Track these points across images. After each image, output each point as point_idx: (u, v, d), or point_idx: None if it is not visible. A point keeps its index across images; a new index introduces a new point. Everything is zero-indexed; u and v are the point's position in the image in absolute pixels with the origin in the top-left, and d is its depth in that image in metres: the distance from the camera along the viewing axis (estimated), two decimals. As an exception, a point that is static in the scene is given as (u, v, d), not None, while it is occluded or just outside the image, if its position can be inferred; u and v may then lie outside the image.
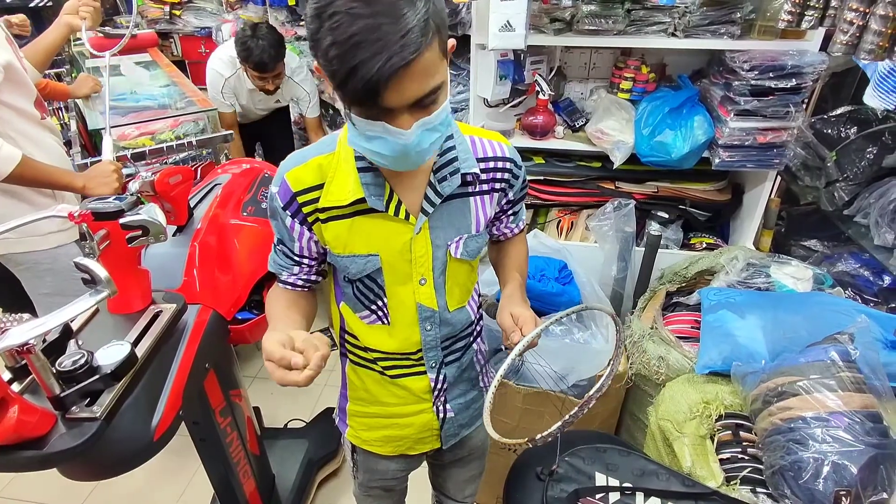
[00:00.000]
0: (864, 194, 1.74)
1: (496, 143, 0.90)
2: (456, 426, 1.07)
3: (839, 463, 1.01)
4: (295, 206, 0.83)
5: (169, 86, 2.61)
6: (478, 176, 0.86)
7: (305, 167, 0.84)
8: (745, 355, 1.34)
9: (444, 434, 1.06)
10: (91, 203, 0.99)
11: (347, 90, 0.65)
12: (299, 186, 0.83)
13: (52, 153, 1.57)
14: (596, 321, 1.58)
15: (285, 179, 0.83)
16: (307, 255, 0.90)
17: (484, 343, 1.10)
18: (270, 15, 3.25)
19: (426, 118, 0.69)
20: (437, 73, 0.67)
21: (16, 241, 1.50)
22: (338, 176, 0.82)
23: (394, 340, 0.94)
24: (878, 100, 1.42)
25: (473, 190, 0.88)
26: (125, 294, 1.06)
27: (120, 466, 0.93)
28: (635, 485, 1.00)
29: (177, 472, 1.96)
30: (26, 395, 0.86)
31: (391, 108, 0.66)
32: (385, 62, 0.61)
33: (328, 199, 0.82)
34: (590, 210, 2.02)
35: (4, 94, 1.41)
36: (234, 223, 1.43)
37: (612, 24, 1.63)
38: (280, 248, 0.92)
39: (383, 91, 0.64)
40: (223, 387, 1.29)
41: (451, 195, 0.85)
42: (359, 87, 0.63)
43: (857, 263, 1.74)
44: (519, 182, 0.94)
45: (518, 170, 0.93)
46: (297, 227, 0.86)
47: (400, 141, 0.69)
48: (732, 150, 1.66)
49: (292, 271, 0.93)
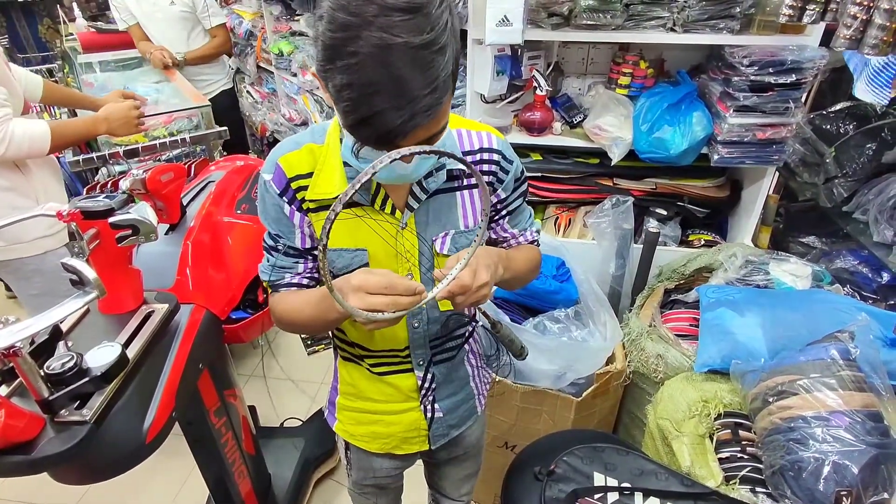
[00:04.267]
0: (862, 191, 1.73)
1: (484, 134, 0.87)
2: (445, 427, 1.05)
3: (840, 463, 1.00)
4: (291, 192, 0.81)
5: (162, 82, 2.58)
6: (463, 170, 0.84)
7: (298, 153, 0.81)
8: (744, 353, 1.33)
9: (433, 434, 1.04)
10: (80, 201, 0.98)
11: (358, 133, 0.62)
12: (293, 172, 0.81)
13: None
14: (594, 319, 1.57)
15: (279, 164, 0.81)
16: (311, 248, 0.86)
17: (477, 344, 1.09)
18: (265, 9, 3.22)
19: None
20: (446, 115, 0.66)
21: (4, 249, 1.48)
22: (325, 169, 0.80)
23: (380, 337, 0.92)
24: (872, 94, 1.41)
25: (460, 184, 0.85)
26: (116, 294, 1.04)
27: (111, 470, 0.91)
28: (634, 484, 0.99)
29: (171, 472, 1.94)
30: (14, 398, 0.85)
31: (399, 145, 0.64)
32: (409, 119, 0.58)
33: (315, 192, 0.81)
34: (588, 207, 2.01)
35: None
36: (228, 221, 1.42)
37: (611, 19, 1.61)
38: (279, 249, 0.86)
39: (398, 141, 0.61)
40: (218, 387, 1.28)
41: (438, 190, 0.83)
42: (371, 136, 0.61)
43: (856, 260, 1.73)
44: (509, 178, 0.89)
45: (508, 164, 0.88)
46: (296, 215, 0.83)
47: (400, 172, 0.69)
48: (731, 146, 1.64)
49: (296, 270, 0.88)
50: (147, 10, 2.67)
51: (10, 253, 1.50)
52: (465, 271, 0.73)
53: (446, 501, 1.29)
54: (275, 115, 3.51)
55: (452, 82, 0.63)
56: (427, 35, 0.56)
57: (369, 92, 0.57)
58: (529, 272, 0.99)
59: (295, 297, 0.87)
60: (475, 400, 1.09)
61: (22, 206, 1.47)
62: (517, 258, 0.95)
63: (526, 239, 1.01)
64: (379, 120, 0.58)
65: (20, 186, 1.48)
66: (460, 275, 0.72)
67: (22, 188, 1.48)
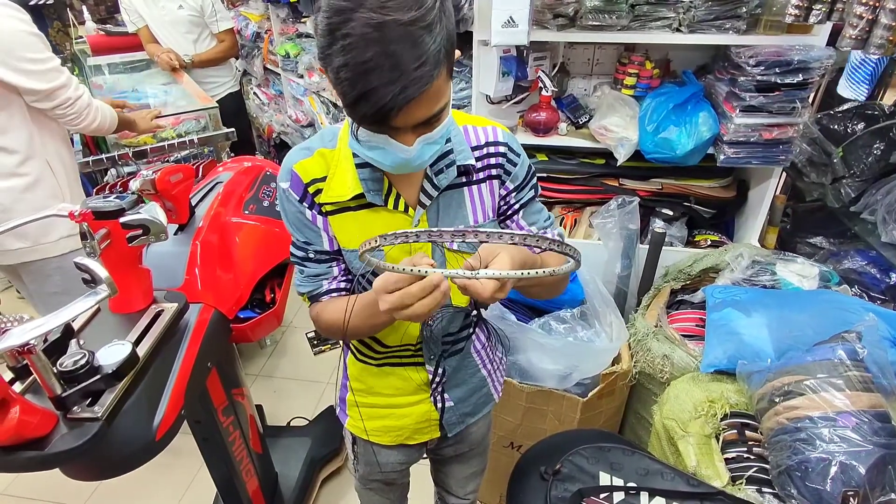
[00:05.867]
0: (871, 191, 1.72)
1: (490, 129, 0.88)
2: (458, 415, 1.06)
3: (847, 463, 1.00)
4: (310, 197, 0.83)
5: (170, 84, 2.61)
6: (473, 166, 0.85)
7: (312, 159, 0.83)
8: (750, 354, 1.33)
9: (447, 422, 1.05)
10: (91, 202, 0.99)
11: (357, 112, 0.64)
12: (309, 177, 0.83)
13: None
14: (600, 320, 1.57)
15: (294, 171, 0.83)
16: (339, 249, 0.87)
17: (482, 330, 1.08)
18: (272, 12, 3.24)
19: (429, 134, 0.70)
20: (443, 97, 0.68)
21: (29, 251, 1.53)
22: (338, 172, 0.82)
23: (395, 334, 0.94)
24: (850, 90, 1.40)
25: (469, 180, 0.87)
26: (126, 293, 1.06)
27: (122, 466, 0.92)
28: (640, 484, 0.99)
29: (180, 470, 1.96)
30: (28, 395, 0.86)
31: (397, 127, 0.67)
32: (400, 92, 0.60)
33: (329, 195, 0.82)
34: (593, 207, 2.01)
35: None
36: (236, 221, 1.43)
37: (616, 20, 1.62)
38: (310, 257, 0.87)
39: (393, 117, 0.64)
40: (225, 386, 1.29)
41: (449, 186, 0.85)
42: (369, 112, 0.63)
43: (864, 261, 1.72)
44: (517, 169, 0.89)
45: (515, 156, 0.89)
46: (319, 219, 0.84)
47: (402, 155, 0.70)
48: (738, 146, 1.64)
49: (332, 274, 0.88)
50: (156, 14, 2.70)
51: (35, 254, 1.54)
52: (491, 284, 0.66)
53: (452, 499, 1.29)
54: (281, 116, 3.53)
55: (448, 61, 0.65)
56: (415, 12, 0.59)
57: (363, 70, 0.60)
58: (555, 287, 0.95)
59: (339, 304, 0.85)
60: (489, 387, 1.09)
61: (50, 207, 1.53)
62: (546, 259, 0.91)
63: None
64: (374, 95, 0.61)
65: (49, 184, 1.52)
66: (486, 284, 0.66)
67: (50, 186, 1.52)
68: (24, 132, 1.44)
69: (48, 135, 1.50)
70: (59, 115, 1.47)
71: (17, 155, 1.44)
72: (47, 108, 1.44)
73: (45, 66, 1.40)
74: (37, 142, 1.47)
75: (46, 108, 1.44)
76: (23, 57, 1.35)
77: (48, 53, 1.42)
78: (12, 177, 1.45)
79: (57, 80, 1.42)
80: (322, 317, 0.89)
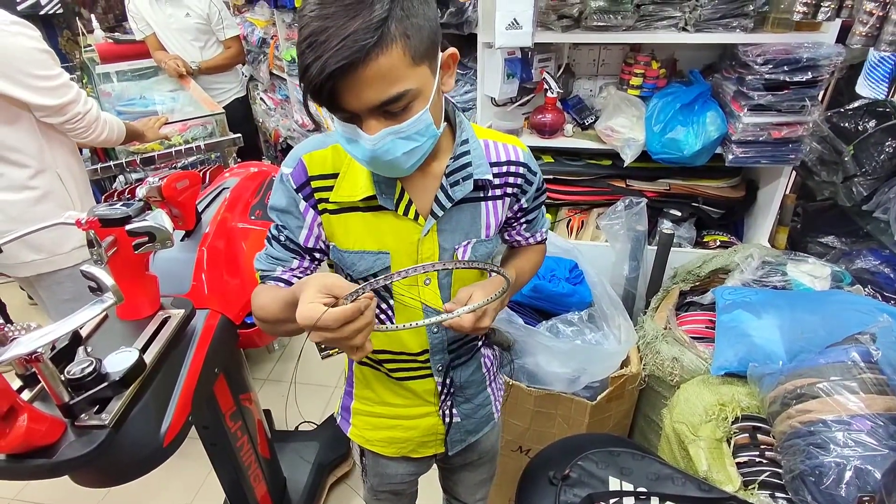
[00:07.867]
0: (883, 189, 1.69)
1: (511, 147, 0.88)
2: (462, 432, 1.05)
3: (862, 468, 0.97)
4: (308, 190, 0.81)
5: (177, 90, 2.63)
6: (490, 181, 0.85)
7: (324, 152, 0.82)
8: (761, 356, 1.31)
9: (450, 440, 1.05)
10: (98, 210, 0.99)
11: (309, 92, 0.65)
12: (316, 171, 0.81)
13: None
14: (608, 322, 1.56)
15: (302, 160, 0.81)
16: (312, 248, 0.86)
17: (489, 348, 1.09)
18: (277, 17, 3.26)
19: (396, 126, 0.68)
20: (400, 81, 0.64)
21: (44, 262, 1.55)
22: (350, 171, 0.81)
23: (400, 341, 0.93)
24: (869, 89, 1.38)
25: (486, 195, 0.86)
26: (133, 300, 1.06)
27: (130, 473, 0.93)
28: (650, 489, 0.98)
29: (188, 475, 1.96)
30: (36, 403, 0.86)
31: (353, 111, 0.66)
32: (327, 59, 0.60)
33: (339, 195, 0.81)
34: (600, 209, 1.99)
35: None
36: (243, 227, 1.43)
37: (621, 20, 1.61)
38: (280, 240, 0.85)
39: (333, 93, 0.63)
40: (233, 391, 1.29)
41: (463, 199, 0.84)
42: (308, 89, 0.63)
43: (877, 260, 1.69)
44: (532, 189, 0.91)
45: (532, 175, 0.90)
46: (310, 213, 0.83)
47: (367, 147, 0.68)
48: (746, 145, 1.62)
49: (290, 265, 0.86)
50: (163, 21, 2.73)
51: (50, 265, 1.56)
52: (469, 316, 0.78)
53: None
54: (288, 121, 3.55)
55: (411, 46, 0.63)
56: None
57: (304, 46, 0.62)
58: (530, 278, 1.05)
59: (274, 291, 0.83)
60: (492, 406, 1.09)
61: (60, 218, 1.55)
62: (525, 272, 1.00)
63: (535, 240, 1.02)
64: (309, 71, 0.62)
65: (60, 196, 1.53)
66: (464, 318, 0.78)
67: (61, 198, 1.54)
68: (35, 146, 1.46)
69: (58, 147, 1.51)
70: (68, 129, 1.49)
71: (29, 169, 1.46)
72: (57, 123, 1.46)
73: (54, 82, 1.41)
74: (47, 155, 1.48)
75: (56, 123, 1.46)
76: (33, 74, 1.37)
77: (58, 69, 1.43)
78: (24, 189, 1.46)
79: (66, 95, 1.44)
80: (256, 298, 0.86)
